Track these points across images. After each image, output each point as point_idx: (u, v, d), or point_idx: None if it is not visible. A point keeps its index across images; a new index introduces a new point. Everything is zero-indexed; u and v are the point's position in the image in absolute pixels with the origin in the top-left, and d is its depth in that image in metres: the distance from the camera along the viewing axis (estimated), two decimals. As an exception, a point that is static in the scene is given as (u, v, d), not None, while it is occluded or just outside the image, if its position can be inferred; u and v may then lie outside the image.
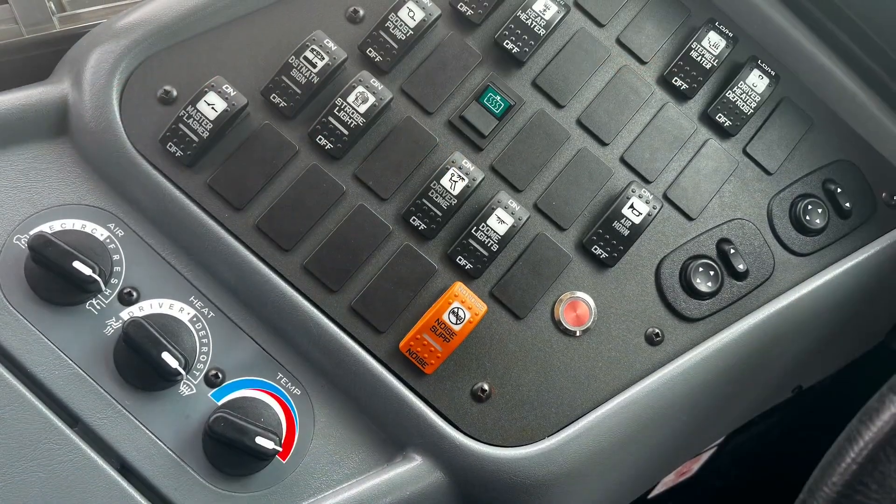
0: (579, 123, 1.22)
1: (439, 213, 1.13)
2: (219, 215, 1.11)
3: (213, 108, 1.10)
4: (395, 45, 1.17)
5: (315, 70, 1.13)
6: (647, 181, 1.22)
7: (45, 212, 1.10)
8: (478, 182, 1.14)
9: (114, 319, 1.08)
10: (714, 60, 1.25)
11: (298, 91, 1.13)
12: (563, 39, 1.24)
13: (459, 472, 1.10)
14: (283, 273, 1.11)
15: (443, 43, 1.20)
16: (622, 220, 1.16)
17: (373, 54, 1.17)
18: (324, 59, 1.13)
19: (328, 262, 1.11)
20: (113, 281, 1.09)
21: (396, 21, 1.17)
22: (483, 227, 1.13)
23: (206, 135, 1.10)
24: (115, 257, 1.10)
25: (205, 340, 1.09)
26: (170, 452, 1.05)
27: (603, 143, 1.22)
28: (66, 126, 1.14)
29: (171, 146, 1.10)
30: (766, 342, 1.21)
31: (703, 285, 1.18)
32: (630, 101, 1.23)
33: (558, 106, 1.22)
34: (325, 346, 1.10)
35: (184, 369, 1.05)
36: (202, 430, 1.06)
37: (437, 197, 1.13)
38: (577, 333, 1.15)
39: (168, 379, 1.05)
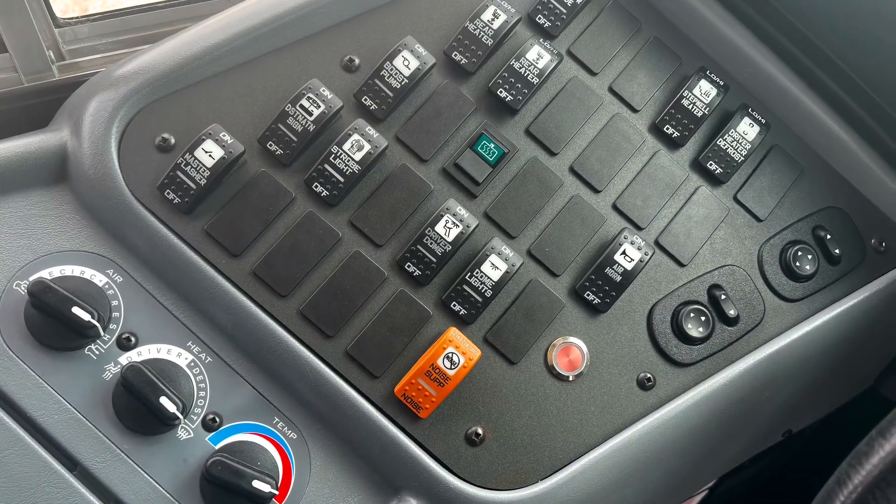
0: (572, 171, 1.25)
1: (434, 260, 1.16)
2: (216, 262, 1.14)
3: (210, 155, 1.13)
4: (390, 94, 1.20)
5: (311, 118, 1.16)
6: (639, 228, 1.25)
7: (44, 258, 1.13)
8: (472, 229, 1.17)
9: (112, 364, 1.11)
10: (705, 108, 1.28)
11: (295, 139, 1.16)
12: (556, 88, 1.27)
13: (454, 515, 1.13)
14: (279, 319, 1.14)
15: (437, 91, 1.23)
16: (614, 267, 1.19)
17: (368, 102, 1.20)
18: (320, 107, 1.17)
19: (324, 308, 1.14)
20: (111, 326, 1.12)
21: (391, 70, 1.20)
22: (477, 273, 1.16)
23: (203, 182, 1.13)
24: (114, 303, 1.13)
25: (202, 385, 1.12)
26: (167, 496, 1.08)
27: (595, 191, 1.25)
28: (66, 173, 1.16)
29: (168, 193, 1.13)
30: (757, 387, 1.24)
31: (694, 331, 1.21)
32: (622, 149, 1.26)
33: (551, 153, 1.25)
34: (320, 391, 1.13)
35: (181, 414, 1.08)
36: (199, 473, 1.08)
37: (431, 243, 1.16)
38: (570, 378, 1.18)
39: (166, 423, 1.08)
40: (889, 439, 0.92)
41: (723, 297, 1.24)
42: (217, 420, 1.11)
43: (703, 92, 1.28)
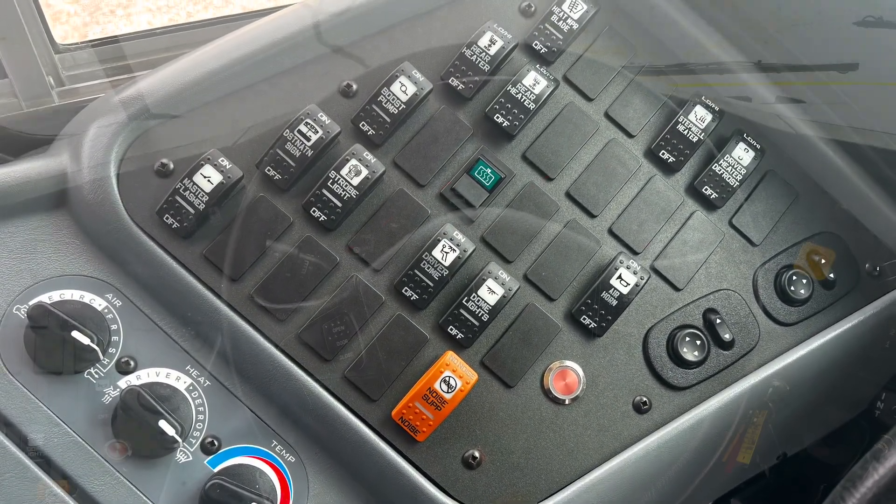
0: (568, 196, 1.26)
1: (431, 284, 1.18)
2: (215, 286, 1.16)
3: (208, 180, 1.15)
4: (388, 119, 1.22)
5: (309, 143, 1.18)
6: (634, 252, 1.26)
7: (44, 282, 1.14)
8: (469, 253, 1.19)
9: (112, 388, 1.12)
10: (700, 134, 1.30)
11: (293, 164, 1.18)
12: (552, 113, 1.29)
13: (451, 538, 1.14)
14: (277, 343, 1.15)
15: (434, 117, 1.25)
16: (610, 291, 1.21)
17: (366, 128, 1.22)
18: (318, 132, 1.18)
19: (322, 332, 1.16)
20: (111, 350, 1.13)
21: (389, 95, 1.22)
22: (474, 297, 1.18)
23: (202, 207, 1.15)
24: (113, 327, 1.14)
25: (201, 409, 1.14)
26: (166, 519, 1.10)
27: (591, 215, 1.26)
28: (65, 198, 1.18)
29: (167, 218, 1.15)
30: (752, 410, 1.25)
31: (689, 354, 1.23)
32: (618, 174, 1.28)
33: (548, 178, 1.26)
34: (318, 415, 1.14)
35: (180, 437, 1.09)
36: (198, 496, 1.10)
37: (428, 268, 1.17)
38: (566, 402, 1.20)
39: (165, 446, 1.09)
40: (883, 462, 0.93)
41: (718, 321, 1.25)
42: (216, 443, 1.13)
43: (699, 117, 1.30)
